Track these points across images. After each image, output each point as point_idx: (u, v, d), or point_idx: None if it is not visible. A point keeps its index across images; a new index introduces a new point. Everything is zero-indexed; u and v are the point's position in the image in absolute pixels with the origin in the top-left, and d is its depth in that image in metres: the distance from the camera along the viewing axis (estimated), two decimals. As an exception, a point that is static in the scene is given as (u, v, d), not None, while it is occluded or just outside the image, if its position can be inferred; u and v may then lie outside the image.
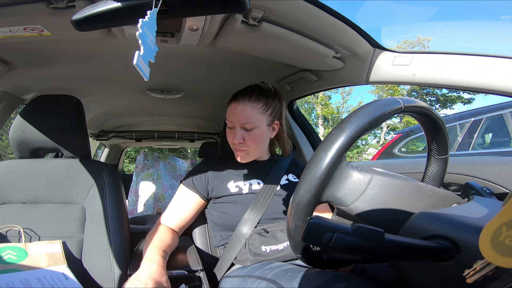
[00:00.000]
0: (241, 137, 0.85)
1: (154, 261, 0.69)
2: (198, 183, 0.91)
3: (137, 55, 0.42)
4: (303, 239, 0.36)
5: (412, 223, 0.41)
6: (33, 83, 1.13)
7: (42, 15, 0.62)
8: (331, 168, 0.43)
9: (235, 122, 0.85)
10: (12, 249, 0.74)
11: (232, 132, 0.88)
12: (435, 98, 15.65)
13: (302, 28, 0.77)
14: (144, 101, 1.58)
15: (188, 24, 0.70)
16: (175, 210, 0.91)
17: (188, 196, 0.91)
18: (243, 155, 0.90)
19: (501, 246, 0.24)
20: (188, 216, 0.91)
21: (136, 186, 2.24)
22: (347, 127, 0.42)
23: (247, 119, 0.84)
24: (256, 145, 0.88)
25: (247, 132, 0.86)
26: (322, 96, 16.88)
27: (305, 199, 0.43)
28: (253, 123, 0.84)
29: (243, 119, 0.84)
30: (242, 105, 0.84)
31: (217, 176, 0.91)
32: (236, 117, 0.85)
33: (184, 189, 0.92)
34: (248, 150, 0.88)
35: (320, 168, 0.42)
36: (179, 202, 0.92)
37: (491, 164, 0.80)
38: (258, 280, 0.68)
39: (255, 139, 0.87)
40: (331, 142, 0.43)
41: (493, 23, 16.51)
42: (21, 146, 0.91)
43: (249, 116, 0.84)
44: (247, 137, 0.86)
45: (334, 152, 0.42)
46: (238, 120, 0.84)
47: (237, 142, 0.85)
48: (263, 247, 0.82)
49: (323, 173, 0.42)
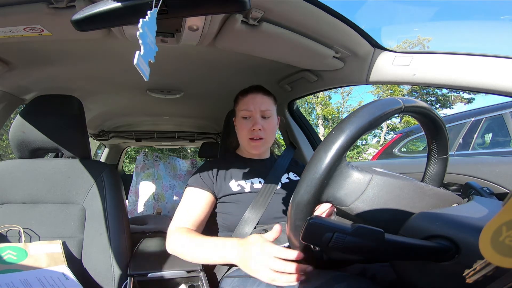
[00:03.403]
0: (261, 124, 0.90)
1: (223, 240, 0.69)
2: (207, 181, 0.89)
3: (137, 55, 0.42)
4: (303, 239, 0.36)
5: (412, 223, 0.41)
6: (33, 83, 1.13)
7: (42, 15, 0.62)
8: (331, 168, 0.43)
9: (255, 110, 0.91)
10: (12, 249, 0.74)
11: (249, 121, 0.91)
12: (435, 98, 15.66)
13: (302, 28, 0.77)
14: (144, 101, 1.58)
15: (188, 24, 0.70)
16: (189, 211, 0.85)
17: (199, 195, 0.87)
18: (259, 145, 0.92)
19: (501, 246, 0.24)
20: (203, 215, 0.86)
21: (136, 186, 2.24)
22: (347, 127, 0.42)
23: (266, 107, 0.92)
24: (271, 134, 0.94)
25: (265, 120, 0.92)
26: (322, 96, 16.88)
27: (305, 199, 0.43)
28: (270, 111, 0.93)
29: (263, 107, 0.91)
30: (260, 95, 0.93)
31: (220, 175, 0.91)
32: (256, 106, 0.91)
33: (193, 189, 0.88)
34: (265, 139, 0.92)
35: (320, 168, 0.42)
36: (191, 202, 0.87)
37: (491, 164, 0.80)
38: (258, 280, 0.68)
39: (271, 128, 0.93)
40: (331, 142, 0.43)
41: (493, 23, 16.52)
42: (21, 146, 0.91)
43: (267, 105, 0.92)
44: (265, 125, 0.91)
45: (334, 152, 0.42)
46: (259, 107, 0.91)
47: (257, 128, 0.89)
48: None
49: (323, 173, 0.42)
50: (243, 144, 0.97)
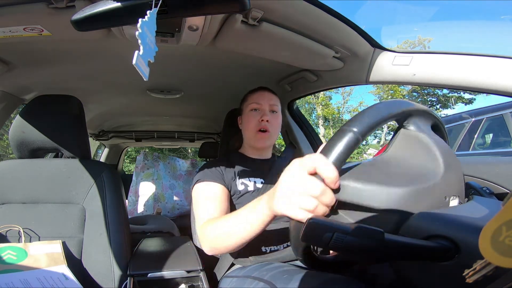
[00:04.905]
0: (269, 116, 0.94)
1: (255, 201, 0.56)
2: (217, 175, 0.87)
3: (136, 55, 0.42)
4: (303, 239, 0.36)
5: (412, 223, 0.41)
6: (33, 83, 1.13)
7: (42, 15, 0.62)
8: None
9: (264, 103, 0.96)
10: (12, 249, 0.74)
11: (258, 113, 0.95)
12: (436, 99, 15.66)
13: (302, 28, 0.77)
14: (144, 101, 1.58)
15: (188, 24, 0.70)
16: (210, 203, 0.80)
17: (214, 187, 0.84)
18: (266, 137, 0.94)
19: (501, 246, 0.24)
20: (225, 204, 0.82)
21: (136, 186, 2.24)
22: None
23: (274, 102, 0.98)
24: (276, 130, 0.98)
25: (272, 114, 0.96)
26: (322, 96, 16.89)
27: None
28: (278, 107, 0.99)
29: (272, 101, 0.97)
30: (268, 92, 0.99)
31: (226, 173, 0.90)
32: (265, 100, 0.96)
33: (206, 183, 0.85)
34: (271, 133, 0.95)
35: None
36: (209, 195, 0.82)
37: (491, 164, 0.80)
38: (255, 281, 0.68)
39: (278, 123, 0.98)
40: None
41: (493, 23, 16.52)
42: (21, 146, 0.91)
43: (275, 100, 0.99)
44: (272, 119, 0.95)
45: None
46: (268, 101, 0.96)
47: (266, 119, 0.93)
48: (263, 248, 0.82)
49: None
50: (249, 137, 0.96)
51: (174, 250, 0.88)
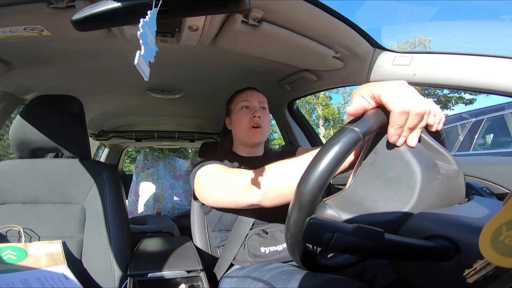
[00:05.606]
0: (260, 113, 0.97)
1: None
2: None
3: (138, 55, 0.42)
4: (303, 239, 0.36)
5: (412, 223, 0.41)
6: (33, 83, 1.13)
7: (42, 15, 0.62)
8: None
9: (254, 101, 0.99)
10: (12, 249, 0.74)
11: (249, 110, 0.98)
12: (436, 99, 15.65)
13: (302, 28, 0.77)
14: (144, 101, 1.58)
15: (188, 24, 0.70)
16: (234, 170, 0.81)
17: (222, 165, 0.85)
18: (259, 132, 0.97)
19: (501, 246, 0.24)
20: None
21: (136, 186, 2.24)
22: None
23: (263, 99, 1.02)
24: (268, 125, 1.01)
25: (262, 111, 0.99)
26: (323, 96, 16.88)
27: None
28: (266, 103, 1.03)
29: (261, 99, 1.01)
30: (256, 91, 1.03)
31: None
32: (255, 98, 1.00)
33: (213, 164, 0.85)
34: (263, 128, 0.98)
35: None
36: (223, 168, 0.83)
37: (491, 164, 0.80)
38: (255, 281, 0.68)
39: (268, 119, 1.02)
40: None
41: (493, 23, 16.52)
42: (21, 146, 0.91)
43: (263, 98, 1.03)
44: (262, 115, 0.98)
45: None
46: (257, 99, 1.00)
47: (258, 115, 0.96)
48: (262, 248, 0.82)
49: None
50: (243, 135, 0.98)
51: (174, 250, 0.88)
